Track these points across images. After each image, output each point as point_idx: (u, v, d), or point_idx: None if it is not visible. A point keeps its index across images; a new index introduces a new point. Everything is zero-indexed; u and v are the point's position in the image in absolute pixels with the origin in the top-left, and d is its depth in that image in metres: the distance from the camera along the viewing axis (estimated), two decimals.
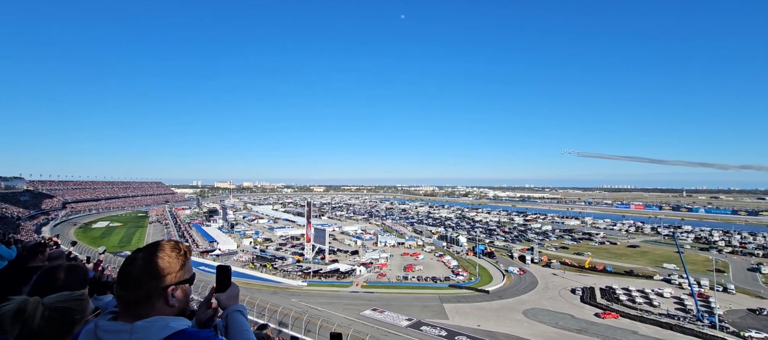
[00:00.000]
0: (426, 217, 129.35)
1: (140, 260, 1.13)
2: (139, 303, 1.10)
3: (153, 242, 1.23)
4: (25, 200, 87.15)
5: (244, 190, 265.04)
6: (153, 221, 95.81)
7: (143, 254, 1.15)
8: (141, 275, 1.11)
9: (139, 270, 1.12)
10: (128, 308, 1.10)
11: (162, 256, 1.16)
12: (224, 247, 66.03)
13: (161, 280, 1.13)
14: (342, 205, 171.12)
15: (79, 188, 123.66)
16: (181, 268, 1.21)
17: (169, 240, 1.25)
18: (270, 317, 28.90)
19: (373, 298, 43.40)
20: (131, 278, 1.10)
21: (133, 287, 1.10)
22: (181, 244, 1.26)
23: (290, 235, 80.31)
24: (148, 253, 1.16)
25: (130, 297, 1.10)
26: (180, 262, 1.21)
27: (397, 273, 54.54)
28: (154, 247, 1.19)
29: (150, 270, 1.12)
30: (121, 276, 1.12)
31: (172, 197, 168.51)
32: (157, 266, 1.13)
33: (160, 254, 1.16)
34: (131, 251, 1.30)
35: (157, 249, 1.18)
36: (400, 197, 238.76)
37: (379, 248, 70.46)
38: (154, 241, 1.24)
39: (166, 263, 1.16)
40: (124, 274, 1.11)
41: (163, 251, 1.18)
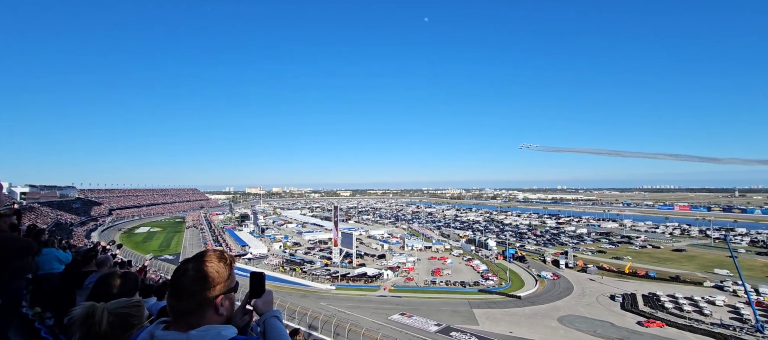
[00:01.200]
0: (453, 220, 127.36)
1: (192, 271, 1.15)
2: (192, 313, 1.13)
3: (200, 252, 1.25)
4: (77, 207, 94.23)
5: (273, 195, 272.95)
6: (189, 226, 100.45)
7: (193, 266, 1.17)
8: (193, 286, 1.13)
9: (191, 281, 1.14)
10: (181, 317, 1.13)
11: (211, 267, 1.18)
12: (256, 251, 68.06)
13: (212, 290, 1.16)
14: (368, 209, 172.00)
15: (124, 196, 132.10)
16: (228, 277, 1.23)
17: (215, 250, 1.27)
18: (300, 320, 29.36)
19: (400, 302, 43.10)
20: (184, 290, 1.13)
21: (187, 297, 1.12)
22: (226, 253, 1.28)
23: (318, 239, 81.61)
24: (198, 264, 1.17)
25: (183, 308, 1.13)
26: (227, 272, 1.23)
27: (425, 277, 53.90)
28: (202, 258, 1.20)
29: (201, 281, 1.15)
30: (174, 287, 1.15)
31: (207, 203, 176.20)
32: (207, 277, 1.16)
33: (210, 265, 1.18)
34: (168, 253, 1.32)
35: (205, 260, 1.19)
36: (427, 201, 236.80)
37: (406, 252, 70.04)
38: (200, 251, 1.26)
39: (215, 273, 1.18)
40: (177, 285, 1.14)
41: (211, 262, 1.19)
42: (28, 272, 4.56)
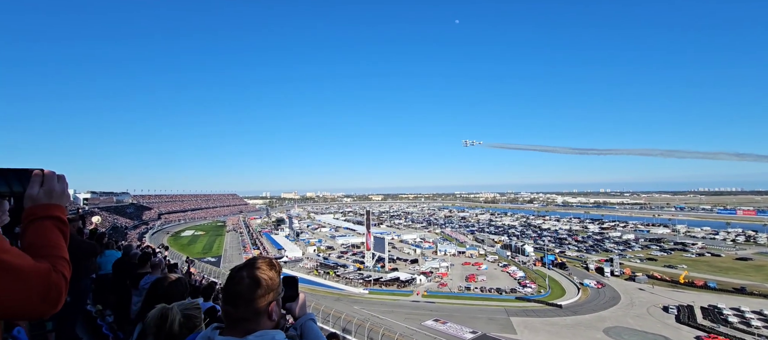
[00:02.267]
0: (487, 225, 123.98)
1: (247, 280, 1.18)
2: (248, 320, 1.17)
3: (251, 260, 1.28)
4: (130, 212, 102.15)
5: (307, 200, 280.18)
6: (229, 230, 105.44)
7: (247, 273, 1.20)
8: (249, 293, 1.17)
9: (246, 289, 1.16)
10: (238, 323, 1.17)
11: (264, 275, 1.21)
12: (291, 254, 70.04)
13: (266, 297, 1.20)
14: (400, 213, 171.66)
15: (171, 201, 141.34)
16: (278, 284, 1.28)
17: (264, 258, 1.31)
18: (334, 324, 29.72)
19: (434, 308, 42.48)
20: (241, 297, 1.16)
21: (244, 305, 1.16)
22: (275, 261, 1.31)
23: (351, 243, 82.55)
24: (252, 272, 1.21)
25: (240, 315, 1.16)
26: (278, 279, 1.27)
27: (459, 283, 52.78)
28: (255, 266, 1.24)
29: (257, 289, 1.18)
30: (230, 295, 1.17)
31: (245, 207, 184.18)
32: (262, 285, 1.19)
33: (263, 274, 1.21)
34: (211, 255, 1.39)
35: (257, 268, 1.23)
36: (459, 205, 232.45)
37: (439, 257, 69.03)
38: (251, 259, 1.29)
39: (268, 281, 1.22)
40: (233, 293, 1.17)
41: (264, 270, 1.23)
42: (92, 272, 4.99)
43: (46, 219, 0.99)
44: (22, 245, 0.94)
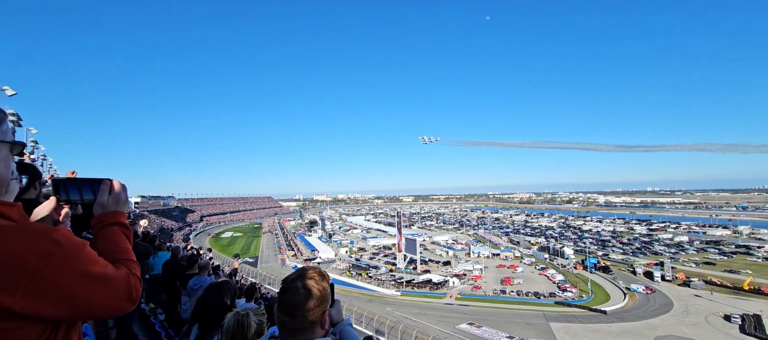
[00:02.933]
0: (523, 226, 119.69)
1: (303, 291, 1.22)
2: (305, 330, 1.21)
3: (303, 270, 1.32)
4: (175, 215, 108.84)
5: (339, 202, 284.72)
6: (266, 232, 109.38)
7: (303, 284, 1.23)
8: (306, 304, 1.20)
9: (303, 301, 1.20)
10: (294, 334, 1.21)
11: (318, 286, 1.26)
12: (324, 255, 71.42)
13: (320, 308, 1.24)
14: (431, 214, 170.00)
15: (212, 204, 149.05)
16: (329, 294, 1.32)
17: (315, 268, 1.35)
18: (367, 325, 29.96)
19: (468, 311, 41.56)
20: (298, 308, 1.20)
21: (301, 316, 1.20)
22: (325, 272, 1.36)
23: (382, 244, 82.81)
24: (307, 283, 1.24)
25: (297, 325, 1.20)
26: (329, 288, 1.31)
27: (494, 286, 51.32)
28: (308, 277, 1.28)
29: (313, 300, 1.22)
30: (287, 306, 1.21)
31: (280, 209, 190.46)
32: (317, 296, 1.24)
33: (317, 284, 1.26)
34: (249, 256, 1.43)
35: (311, 278, 1.27)
36: (493, 206, 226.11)
37: (472, 259, 67.52)
38: (302, 269, 1.33)
39: (321, 291, 1.26)
40: (291, 304, 1.20)
41: (317, 281, 1.27)
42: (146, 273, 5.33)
43: (114, 225, 1.09)
44: (95, 250, 0.97)
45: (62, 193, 1.14)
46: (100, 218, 1.09)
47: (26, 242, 0.73)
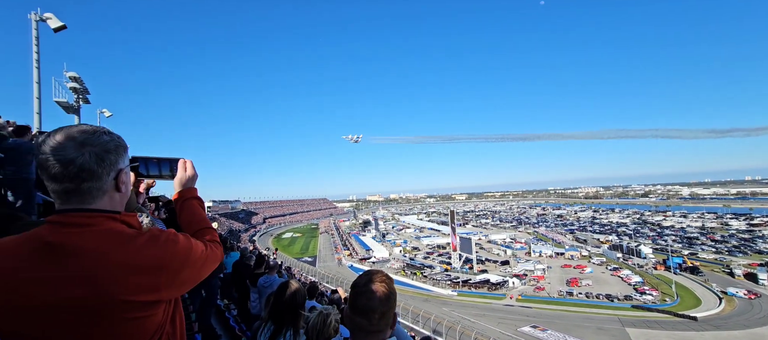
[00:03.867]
0: (590, 223, 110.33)
1: (379, 293, 1.27)
2: (380, 330, 1.27)
3: (371, 273, 1.36)
4: (241, 217, 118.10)
5: (391, 201, 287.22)
6: (322, 232, 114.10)
7: (377, 287, 1.29)
8: (382, 307, 1.26)
9: (379, 304, 1.26)
10: (370, 335, 1.27)
11: (390, 288, 1.32)
12: (378, 255, 72.51)
13: (393, 309, 1.31)
14: (486, 212, 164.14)
15: (273, 206, 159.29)
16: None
17: (380, 271, 1.39)
18: (424, 325, 29.78)
19: (530, 313, 39.36)
20: (375, 312, 1.25)
21: (378, 317, 1.26)
22: (389, 275, 1.41)
23: (436, 244, 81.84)
24: (380, 286, 1.29)
25: (374, 327, 1.26)
26: (395, 290, 1.36)
27: (559, 287, 48.02)
28: (379, 280, 1.32)
29: (387, 302, 1.28)
30: (364, 310, 1.26)
31: (335, 210, 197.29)
32: (391, 298, 1.30)
33: (389, 287, 1.31)
34: (308, 255, 1.50)
35: (381, 282, 1.32)
36: (554, 202, 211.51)
37: (533, 259, 63.89)
38: (370, 272, 1.37)
39: (392, 293, 1.32)
40: (368, 308, 1.25)
41: (386, 283, 1.32)
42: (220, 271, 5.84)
43: (193, 199, 1.30)
44: (179, 220, 1.27)
45: (142, 169, 1.31)
46: (180, 194, 1.30)
47: (160, 249, 0.94)
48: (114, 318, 0.86)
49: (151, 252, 0.92)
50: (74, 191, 0.90)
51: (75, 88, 15.35)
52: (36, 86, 11.88)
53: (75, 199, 0.90)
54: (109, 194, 0.95)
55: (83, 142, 0.90)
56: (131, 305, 0.87)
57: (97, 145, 0.91)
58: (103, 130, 0.96)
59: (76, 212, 0.90)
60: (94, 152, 0.90)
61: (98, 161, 0.91)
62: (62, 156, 0.86)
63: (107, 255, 0.87)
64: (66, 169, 0.87)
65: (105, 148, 0.93)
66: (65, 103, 15.06)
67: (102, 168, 0.92)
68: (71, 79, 15.07)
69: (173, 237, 0.99)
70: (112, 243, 0.90)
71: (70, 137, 0.89)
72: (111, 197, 0.96)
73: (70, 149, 0.87)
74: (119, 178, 0.97)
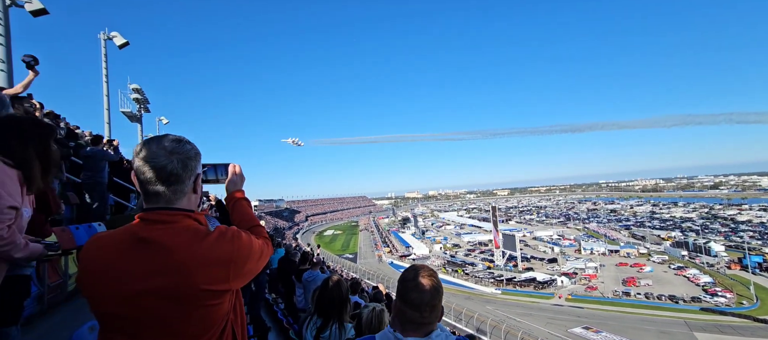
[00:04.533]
0: (648, 218, 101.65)
1: (429, 287, 1.33)
2: (430, 323, 1.34)
3: (418, 268, 1.41)
4: (285, 215, 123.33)
5: (429, 198, 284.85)
6: (362, 229, 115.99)
7: (426, 282, 1.34)
8: (432, 300, 1.32)
9: (430, 297, 1.31)
10: (420, 327, 1.33)
11: (436, 281, 1.37)
12: (418, 252, 72.32)
13: (441, 301, 1.38)
14: (530, 208, 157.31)
15: (314, 205, 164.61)
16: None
17: (424, 266, 1.43)
18: (467, 323, 29.18)
19: (582, 314, 37.15)
20: (427, 305, 1.31)
21: (429, 311, 1.32)
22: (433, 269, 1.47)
23: (477, 241, 79.96)
24: (430, 281, 1.34)
25: (425, 320, 1.32)
26: (441, 284, 1.42)
27: (613, 287, 44.87)
28: (427, 275, 1.37)
29: (437, 296, 1.35)
30: (416, 304, 1.31)
31: (374, 208, 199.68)
32: (439, 292, 1.37)
33: (435, 280, 1.37)
34: (348, 252, 1.53)
35: (430, 276, 1.37)
36: (606, 195, 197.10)
37: (584, 256, 60.23)
38: (416, 267, 1.42)
39: (440, 286, 1.38)
40: (419, 302, 1.31)
41: (433, 277, 1.37)
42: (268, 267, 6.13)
43: (243, 199, 1.43)
44: (232, 219, 1.38)
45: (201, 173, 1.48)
46: (231, 195, 1.43)
47: (229, 244, 1.06)
48: (193, 304, 0.98)
49: (222, 246, 1.04)
50: (163, 193, 1.05)
51: (137, 98, 16.89)
52: (105, 99, 13.22)
53: (163, 199, 1.05)
54: (188, 195, 1.11)
55: (172, 151, 1.05)
56: (207, 293, 1.00)
57: (182, 153, 1.06)
58: (185, 140, 1.12)
59: (160, 211, 1.05)
60: (180, 159, 1.05)
61: (183, 167, 1.06)
62: (155, 163, 1.02)
63: (187, 249, 1.00)
64: (158, 174, 1.02)
65: (188, 155, 1.08)
66: (130, 112, 16.63)
67: (185, 173, 1.07)
68: (134, 91, 16.59)
69: (237, 233, 1.11)
70: (191, 238, 1.03)
71: (161, 146, 1.04)
72: (189, 197, 1.11)
73: (161, 157, 1.03)
74: (196, 181, 1.13)
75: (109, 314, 0.98)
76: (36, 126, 1.69)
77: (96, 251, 1.01)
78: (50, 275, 3.48)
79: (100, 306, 0.98)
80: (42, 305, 3.32)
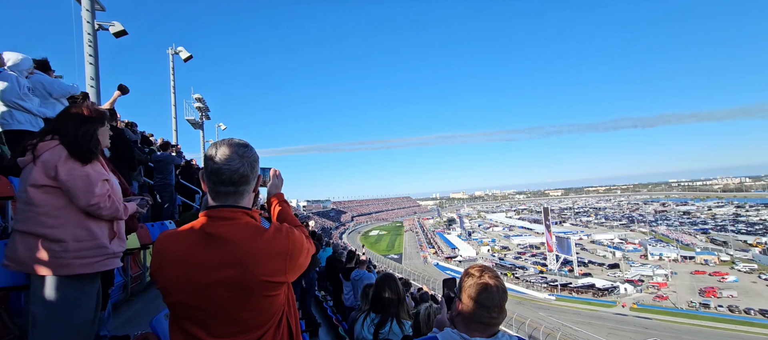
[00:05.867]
0: (731, 221, 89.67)
1: (498, 289, 1.36)
2: (496, 324, 1.37)
3: (480, 269, 1.43)
4: (332, 215, 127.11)
5: (476, 199, 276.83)
6: (407, 230, 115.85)
7: (495, 284, 1.37)
8: (501, 302, 1.36)
9: (499, 300, 1.35)
10: (486, 328, 1.36)
11: (502, 282, 1.40)
12: (464, 254, 70.53)
13: (506, 302, 1.40)
14: (588, 209, 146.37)
15: (359, 205, 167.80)
16: None
17: (487, 266, 1.47)
18: (518, 329, 27.91)
19: (649, 326, 33.75)
20: (498, 306, 1.35)
21: (497, 312, 1.35)
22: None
23: (528, 243, 76.17)
24: (496, 281, 1.38)
25: (493, 321, 1.35)
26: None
27: (688, 297, 40.31)
28: (489, 274, 1.41)
29: (505, 296, 1.39)
30: (485, 304, 1.34)
31: (418, 209, 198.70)
32: (506, 293, 1.40)
33: (500, 281, 1.40)
34: (393, 253, 1.57)
35: (495, 277, 1.40)
36: (678, 196, 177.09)
37: (651, 263, 54.76)
38: (478, 268, 1.45)
39: (505, 288, 1.41)
40: (488, 302, 1.34)
41: (498, 278, 1.40)
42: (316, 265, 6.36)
43: (283, 201, 1.53)
44: (275, 219, 1.48)
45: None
46: (273, 197, 1.54)
47: (285, 239, 1.16)
48: (256, 295, 1.08)
49: (279, 241, 1.14)
50: (233, 192, 1.16)
51: (199, 107, 18.42)
52: (173, 108, 14.58)
53: (231, 198, 1.17)
54: (250, 195, 1.23)
55: (242, 155, 1.16)
56: (268, 284, 1.09)
57: (250, 157, 1.18)
58: (250, 145, 1.23)
59: (224, 208, 1.15)
60: (249, 163, 1.17)
61: (251, 170, 1.19)
62: (231, 166, 1.13)
63: (250, 242, 1.10)
64: (232, 176, 1.13)
65: (254, 159, 1.21)
66: (193, 120, 18.17)
67: (252, 175, 1.21)
68: (196, 100, 18.11)
69: (291, 229, 1.21)
70: (252, 233, 1.13)
71: (234, 150, 1.15)
72: (250, 197, 1.24)
73: (235, 160, 1.14)
74: (257, 183, 1.27)
75: (180, 304, 1.08)
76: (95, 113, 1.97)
77: (168, 246, 1.12)
78: (132, 267, 3.92)
79: (173, 296, 1.09)
80: (126, 294, 3.74)
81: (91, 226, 1.81)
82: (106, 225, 1.91)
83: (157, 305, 3.97)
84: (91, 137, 1.86)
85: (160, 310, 2.05)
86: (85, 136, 1.84)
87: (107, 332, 2.31)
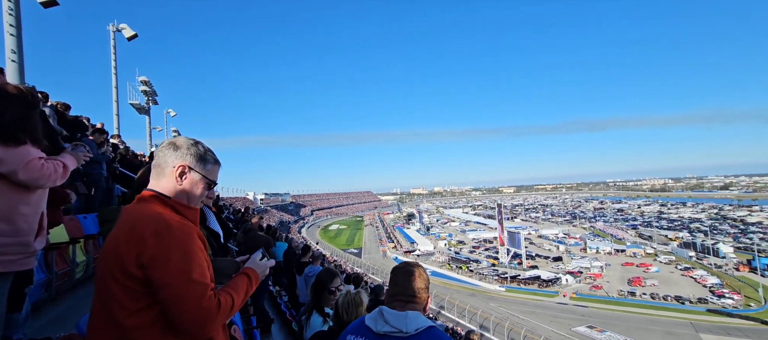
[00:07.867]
0: (656, 218, 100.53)
1: (420, 274, 1.56)
2: (418, 303, 1.52)
3: (412, 263, 1.63)
4: (290, 209, 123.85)
5: (435, 194, 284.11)
6: (367, 224, 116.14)
7: (417, 272, 1.56)
8: (420, 282, 1.53)
9: (415, 275, 1.54)
10: (405, 305, 1.49)
11: (425, 274, 1.60)
12: (423, 248, 72.27)
13: (428, 285, 1.59)
14: (536, 206, 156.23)
15: (319, 199, 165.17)
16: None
17: (418, 264, 1.64)
18: (470, 319, 29.21)
19: (586, 313, 36.97)
20: (411, 288, 1.51)
21: (411, 291, 1.50)
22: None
23: (482, 238, 79.72)
24: (420, 270, 1.58)
25: (407, 299, 1.50)
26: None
27: (619, 287, 44.57)
28: (417, 267, 1.60)
29: (423, 282, 1.55)
30: (398, 280, 1.54)
31: (379, 203, 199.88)
32: (424, 272, 1.60)
33: (424, 273, 1.59)
34: (353, 247, 1.73)
35: (421, 269, 1.60)
36: (614, 195, 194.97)
37: (590, 255, 59.84)
38: (407, 262, 1.67)
39: (424, 268, 1.62)
40: (403, 277, 1.54)
41: (418, 264, 1.62)
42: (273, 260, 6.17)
43: (246, 277, 1.52)
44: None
45: None
46: (248, 269, 1.54)
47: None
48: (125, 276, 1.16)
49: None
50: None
51: (145, 91, 17.03)
52: (114, 91, 13.34)
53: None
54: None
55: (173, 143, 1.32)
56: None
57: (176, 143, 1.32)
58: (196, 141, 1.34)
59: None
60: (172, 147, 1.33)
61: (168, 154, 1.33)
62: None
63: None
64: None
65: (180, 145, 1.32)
66: (138, 104, 16.77)
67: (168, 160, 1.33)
68: (142, 83, 16.72)
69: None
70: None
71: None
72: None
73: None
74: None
75: None
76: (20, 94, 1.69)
77: None
78: (58, 263, 3.54)
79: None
80: (50, 292, 3.37)
81: (16, 220, 1.57)
82: (37, 217, 1.68)
83: (88, 304, 3.61)
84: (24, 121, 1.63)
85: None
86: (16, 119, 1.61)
87: (22, 335, 2.06)
